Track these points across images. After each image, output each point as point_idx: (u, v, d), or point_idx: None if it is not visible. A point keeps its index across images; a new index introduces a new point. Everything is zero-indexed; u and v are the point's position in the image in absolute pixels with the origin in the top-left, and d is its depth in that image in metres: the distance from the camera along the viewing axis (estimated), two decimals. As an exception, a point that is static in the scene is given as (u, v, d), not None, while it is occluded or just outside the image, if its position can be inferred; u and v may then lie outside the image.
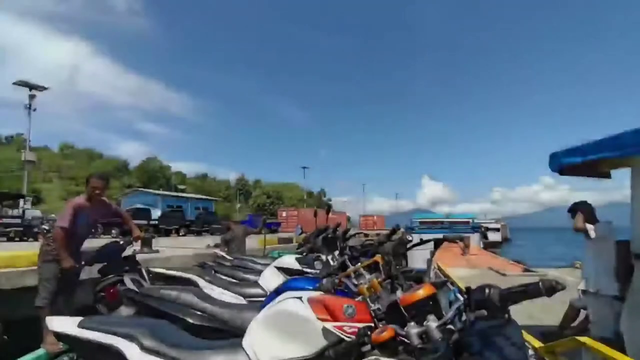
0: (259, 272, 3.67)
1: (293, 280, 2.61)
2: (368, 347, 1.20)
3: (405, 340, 1.19)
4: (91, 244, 4.48)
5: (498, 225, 40.50)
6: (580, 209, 3.82)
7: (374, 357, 1.29)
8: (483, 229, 16.75)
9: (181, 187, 61.58)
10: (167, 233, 23.26)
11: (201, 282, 3.20)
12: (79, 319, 1.62)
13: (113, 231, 18.27)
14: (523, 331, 1.18)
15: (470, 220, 17.01)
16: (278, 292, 2.22)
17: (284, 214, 37.31)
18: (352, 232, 4.88)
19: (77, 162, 64.71)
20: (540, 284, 1.02)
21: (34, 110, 21.53)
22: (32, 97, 21.20)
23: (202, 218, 28.10)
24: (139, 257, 7.40)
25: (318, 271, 3.32)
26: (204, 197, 46.42)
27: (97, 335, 1.52)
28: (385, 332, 1.15)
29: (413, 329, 1.17)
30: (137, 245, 4.62)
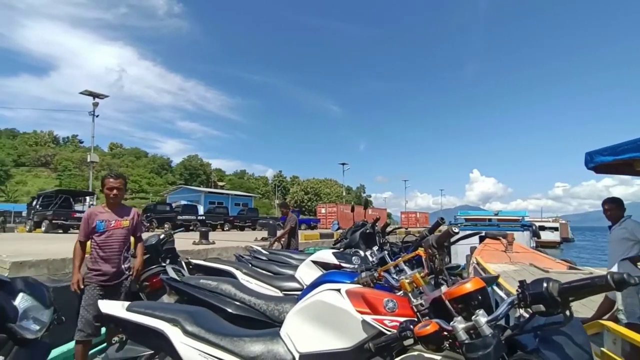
0: (294, 267, 3.68)
1: (330, 273, 2.58)
2: (410, 341, 1.14)
3: (451, 335, 1.12)
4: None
5: (556, 224, 37.57)
6: (609, 203, 3.96)
7: (416, 352, 1.23)
8: (534, 227, 15.74)
9: (220, 183, 63.89)
10: (212, 228, 24.38)
11: (239, 274, 3.25)
12: (127, 303, 1.70)
13: (166, 225, 19.33)
14: None
15: (520, 218, 16.14)
16: (315, 285, 2.20)
17: (322, 210, 37.52)
18: (391, 227, 4.77)
19: (125, 161, 69.00)
20: (608, 276, 0.91)
21: (97, 116, 23.22)
22: (95, 104, 22.85)
23: (245, 214, 29.29)
24: (199, 247, 7.96)
25: (356, 266, 3.26)
26: (243, 193, 48.03)
27: (143, 319, 1.59)
28: (429, 326, 1.09)
29: (460, 324, 1.09)
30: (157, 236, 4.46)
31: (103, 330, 3.22)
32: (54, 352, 3.02)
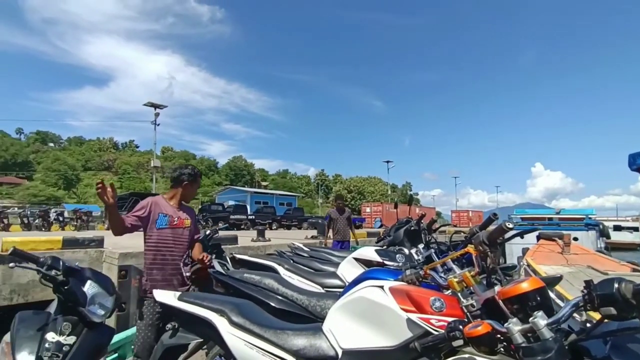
0: (336, 264, 3.66)
1: (373, 270, 2.53)
2: (460, 342, 1.07)
3: (505, 338, 1.04)
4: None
5: (636, 224, 31.87)
6: None
7: (467, 354, 1.16)
8: (601, 227, 14.27)
9: (264, 183, 65.69)
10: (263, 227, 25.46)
11: (281, 270, 3.30)
12: (178, 293, 1.80)
13: (220, 224, 20.40)
14: None
15: (584, 217, 14.75)
16: (357, 282, 2.17)
17: (367, 209, 37.13)
18: (438, 224, 4.59)
19: (176, 163, 73.07)
20: None
21: (158, 125, 25.15)
22: (156, 115, 24.64)
23: (291, 213, 30.35)
24: (258, 244, 8.39)
25: (400, 264, 3.17)
26: (286, 193, 49.09)
27: (193, 308, 1.66)
28: (481, 327, 1.02)
29: (516, 326, 1.00)
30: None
31: None
32: (116, 337, 3.26)
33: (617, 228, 27.19)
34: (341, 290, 2.57)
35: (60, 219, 17.58)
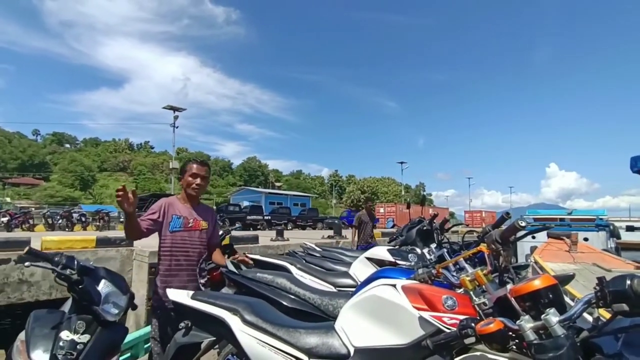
0: (348, 264, 3.66)
1: (385, 270, 2.52)
2: (472, 339, 1.08)
3: (518, 335, 1.04)
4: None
5: None
6: None
7: (479, 352, 1.16)
8: (611, 227, 14.09)
9: (278, 184, 66.08)
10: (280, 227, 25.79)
11: (293, 269, 3.31)
12: (191, 292, 1.82)
13: (237, 224, 20.68)
14: None
15: (595, 218, 14.56)
16: (369, 281, 2.17)
17: (381, 210, 36.95)
18: (450, 224, 4.54)
19: (190, 164, 74.02)
20: None
21: (177, 127, 25.68)
22: (175, 117, 25.15)
23: (306, 214, 30.79)
24: (277, 243, 8.53)
25: (412, 263, 3.16)
26: (300, 194, 49.35)
27: (206, 307, 1.68)
28: (493, 324, 1.02)
29: (528, 323, 1.00)
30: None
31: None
32: (129, 336, 3.33)
33: (630, 229, 26.58)
34: (353, 289, 2.57)
35: (83, 219, 18.01)
